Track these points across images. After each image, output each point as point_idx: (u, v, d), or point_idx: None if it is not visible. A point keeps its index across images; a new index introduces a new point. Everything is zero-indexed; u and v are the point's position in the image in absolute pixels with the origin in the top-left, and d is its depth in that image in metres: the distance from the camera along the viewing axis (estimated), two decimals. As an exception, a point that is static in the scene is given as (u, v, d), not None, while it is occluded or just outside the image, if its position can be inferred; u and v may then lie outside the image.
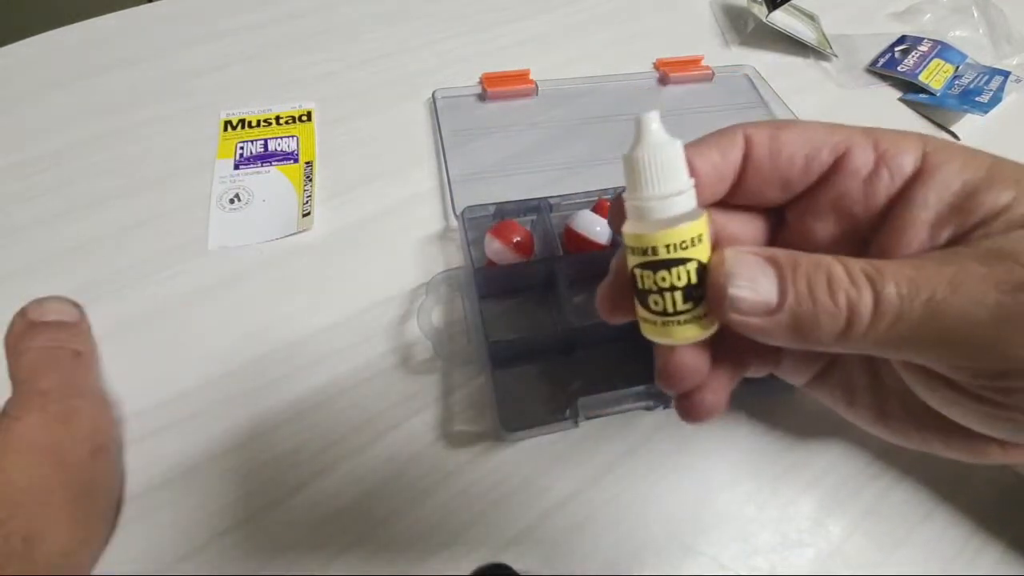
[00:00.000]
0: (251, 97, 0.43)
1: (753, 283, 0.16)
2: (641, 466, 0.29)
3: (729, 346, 0.20)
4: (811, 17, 0.53)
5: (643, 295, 0.18)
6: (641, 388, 0.28)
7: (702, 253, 0.17)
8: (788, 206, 0.20)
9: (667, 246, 0.16)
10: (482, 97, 0.43)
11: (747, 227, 0.21)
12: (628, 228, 0.17)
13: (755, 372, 0.21)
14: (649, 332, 0.18)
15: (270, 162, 0.39)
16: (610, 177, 0.39)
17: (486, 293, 0.32)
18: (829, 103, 0.47)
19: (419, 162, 0.40)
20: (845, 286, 0.16)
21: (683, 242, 0.16)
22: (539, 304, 0.34)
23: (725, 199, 0.19)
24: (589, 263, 0.33)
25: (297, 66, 0.45)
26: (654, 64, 0.47)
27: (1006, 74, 0.49)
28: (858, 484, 0.29)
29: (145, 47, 0.46)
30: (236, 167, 0.39)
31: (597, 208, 0.34)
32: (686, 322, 0.17)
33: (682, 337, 0.18)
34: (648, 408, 0.30)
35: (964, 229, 0.17)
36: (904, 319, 0.15)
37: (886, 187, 0.18)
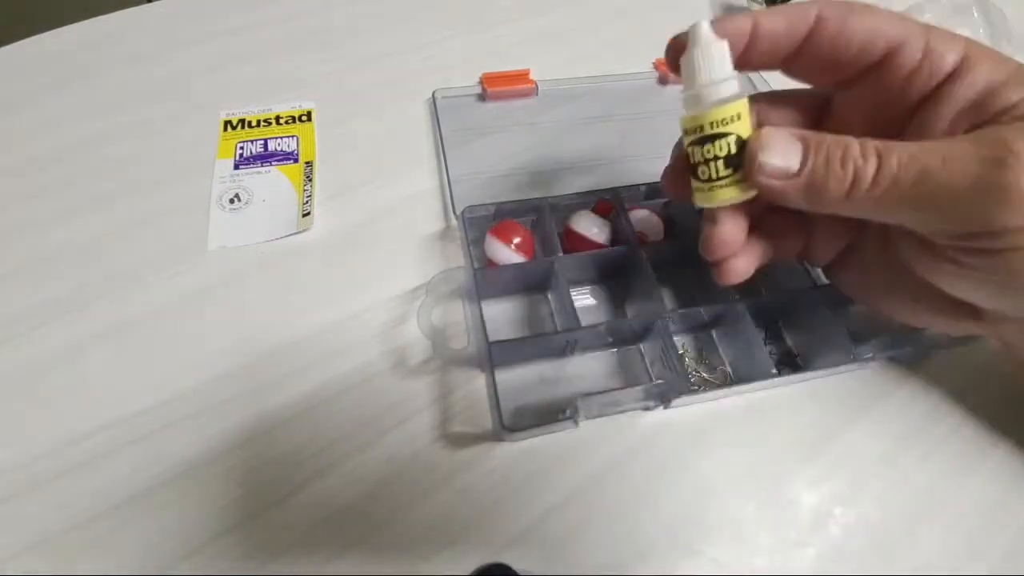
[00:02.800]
0: (251, 97, 0.43)
1: (781, 153, 0.20)
2: (641, 466, 0.29)
3: (766, 225, 0.24)
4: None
5: (695, 168, 0.22)
6: (641, 388, 0.28)
7: (741, 128, 0.21)
8: (837, 93, 0.23)
9: (711, 123, 0.21)
10: (482, 97, 0.43)
11: (787, 118, 0.24)
12: (684, 114, 0.22)
13: (786, 253, 0.26)
14: (699, 199, 0.23)
15: (270, 162, 0.39)
16: (610, 177, 0.39)
17: (486, 293, 0.32)
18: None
19: (419, 162, 0.40)
20: (855, 157, 0.19)
21: (725, 119, 0.20)
22: (539, 304, 0.34)
23: (783, 69, 0.23)
24: (588, 263, 0.33)
25: (297, 66, 0.45)
26: (654, 64, 0.47)
27: (1006, 74, 0.49)
28: (858, 484, 0.29)
29: (145, 47, 0.46)
30: (236, 167, 0.39)
31: (597, 208, 0.34)
32: (727, 186, 0.21)
33: (725, 198, 0.22)
34: (648, 408, 0.30)
35: (978, 123, 0.19)
36: (898, 185, 0.18)
37: (923, 84, 0.20)
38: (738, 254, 0.24)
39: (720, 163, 0.21)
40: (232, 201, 0.37)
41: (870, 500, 0.28)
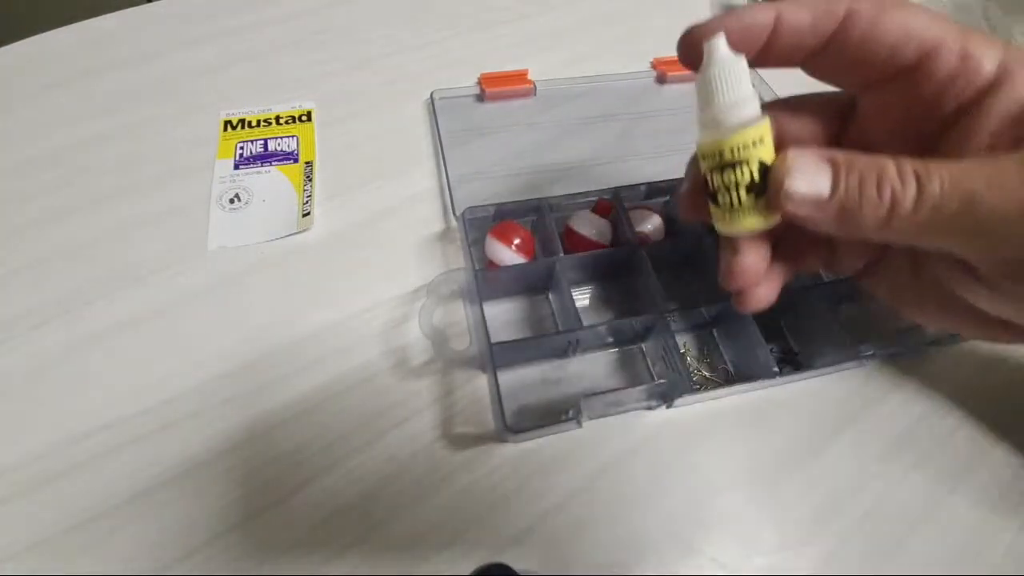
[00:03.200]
0: (251, 97, 0.43)
1: (809, 177, 0.18)
2: (642, 466, 0.29)
3: (786, 244, 0.23)
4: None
5: (714, 194, 0.21)
6: (643, 388, 0.28)
7: (764, 153, 0.19)
8: (862, 97, 0.21)
9: (732, 148, 0.19)
10: (480, 97, 0.43)
11: (806, 127, 0.22)
12: (701, 139, 0.20)
13: (809, 267, 0.24)
14: (719, 226, 0.21)
15: (270, 162, 0.39)
16: (610, 177, 0.39)
17: (487, 294, 0.32)
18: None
19: (419, 162, 0.40)
20: (893, 181, 0.17)
21: (746, 144, 0.19)
22: (540, 305, 0.34)
23: (804, 67, 0.21)
24: (589, 263, 0.33)
25: (297, 66, 0.45)
26: (652, 63, 0.47)
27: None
28: (858, 485, 0.29)
29: (145, 47, 0.46)
30: (236, 167, 0.39)
31: (597, 208, 0.34)
32: (750, 214, 0.20)
33: (747, 227, 0.20)
34: (650, 408, 0.30)
35: (1022, 138, 0.18)
36: (941, 211, 0.17)
37: (960, 93, 0.19)
38: (760, 282, 0.22)
39: (742, 190, 0.20)
40: (232, 201, 0.37)
41: (870, 500, 0.28)
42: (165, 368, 0.30)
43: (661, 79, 0.46)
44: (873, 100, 0.21)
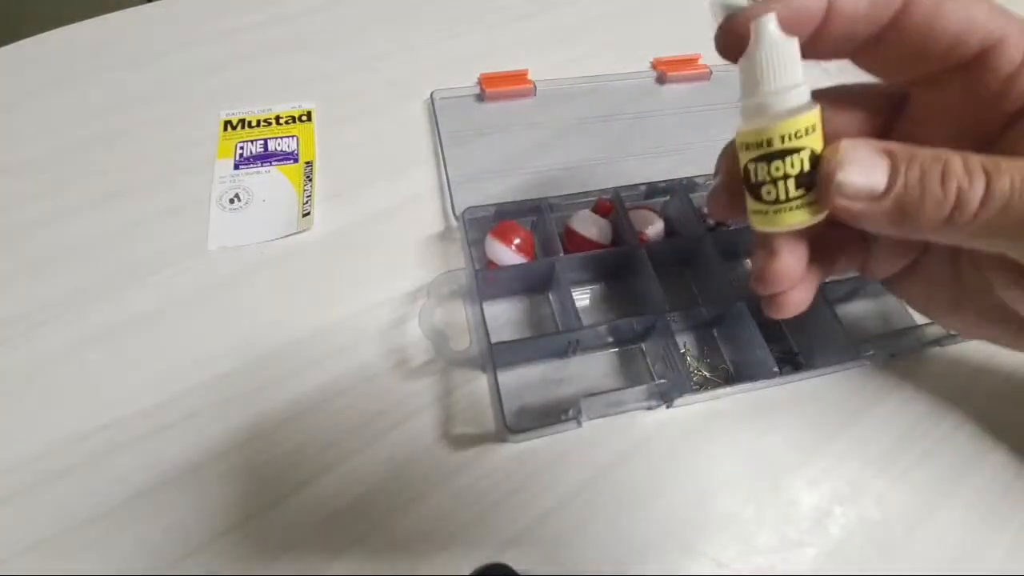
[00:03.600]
0: (251, 97, 0.43)
1: (865, 169, 0.17)
2: (642, 466, 0.29)
3: (820, 246, 0.21)
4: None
5: (756, 187, 0.19)
6: (643, 388, 0.28)
7: (815, 142, 0.18)
8: (915, 91, 0.20)
9: (783, 136, 0.18)
10: (480, 97, 0.43)
11: (851, 121, 0.21)
12: (745, 127, 0.18)
13: (842, 270, 0.23)
14: (760, 223, 0.19)
15: (270, 162, 0.39)
16: (610, 177, 0.39)
17: (487, 294, 0.32)
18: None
19: (419, 162, 0.40)
20: (959, 176, 0.16)
21: (798, 132, 0.18)
22: (540, 305, 0.34)
23: (856, 59, 0.20)
24: (589, 263, 0.33)
25: (297, 66, 0.45)
26: (651, 63, 0.47)
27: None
28: (858, 485, 0.29)
29: (145, 47, 0.46)
30: (236, 167, 0.39)
31: (597, 208, 0.34)
32: (796, 208, 0.18)
33: (792, 222, 0.19)
34: (650, 408, 0.30)
35: None
36: (1010, 211, 0.15)
37: (1022, 92, 0.17)
38: (796, 285, 0.21)
39: (791, 182, 0.18)
40: (232, 201, 0.37)
41: (870, 500, 0.28)
42: (165, 368, 0.30)
43: (661, 79, 0.46)
44: (928, 96, 0.19)
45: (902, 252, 0.23)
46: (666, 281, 0.33)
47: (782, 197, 0.18)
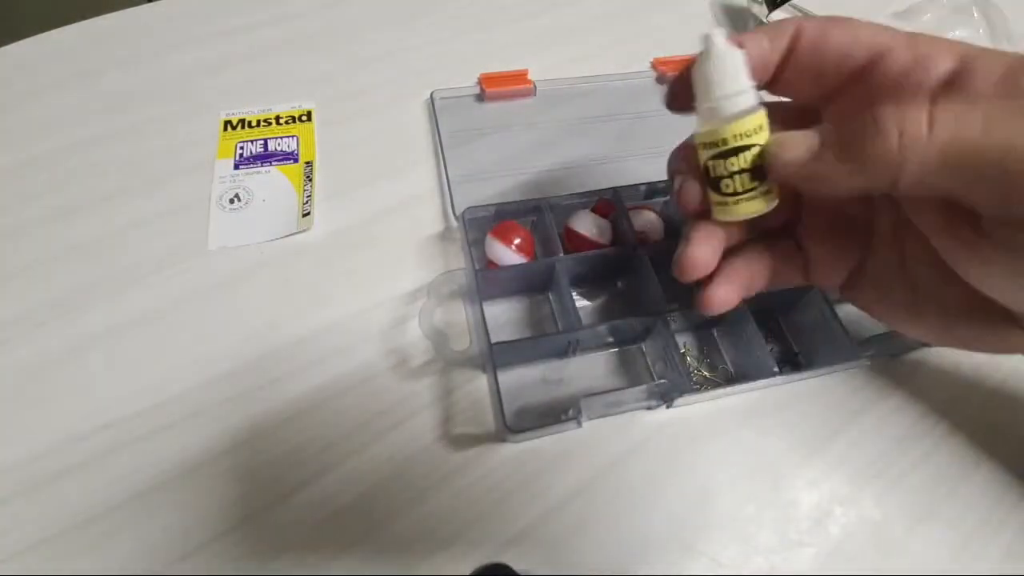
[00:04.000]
0: (251, 97, 0.43)
1: (797, 140, 0.19)
2: (641, 466, 0.29)
3: (753, 254, 0.24)
4: (811, 17, 0.53)
5: (716, 182, 0.21)
6: (643, 388, 0.28)
7: (764, 139, 0.20)
8: (824, 106, 0.22)
9: (735, 135, 0.20)
10: (480, 97, 0.43)
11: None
12: (701, 128, 0.21)
13: (786, 280, 0.24)
14: (721, 214, 0.22)
15: (270, 162, 0.39)
16: (610, 177, 0.39)
17: (487, 294, 0.32)
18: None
19: (419, 162, 0.40)
20: (893, 114, 0.17)
21: (747, 131, 0.20)
22: (540, 305, 0.34)
23: (770, 87, 0.22)
24: (589, 263, 0.33)
25: (297, 66, 0.45)
26: (651, 63, 0.47)
27: (1006, 74, 0.49)
28: (858, 484, 0.29)
29: (145, 47, 0.46)
30: (236, 167, 0.39)
31: (597, 208, 0.34)
32: (753, 199, 0.21)
33: (750, 211, 0.21)
34: (650, 408, 0.30)
35: None
36: (966, 127, 0.16)
37: (916, 89, 0.19)
38: (718, 282, 0.23)
39: (746, 176, 0.20)
40: (232, 201, 0.37)
41: (870, 500, 0.28)
42: (165, 368, 0.30)
43: (661, 79, 0.46)
44: (834, 110, 0.22)
45: (840, 257, 0.24)
46: (666, 281, 0.33)
47: (739, 189, 0.21)
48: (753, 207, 0.21)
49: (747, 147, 0.20)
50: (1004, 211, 0.17)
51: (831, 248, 0.24)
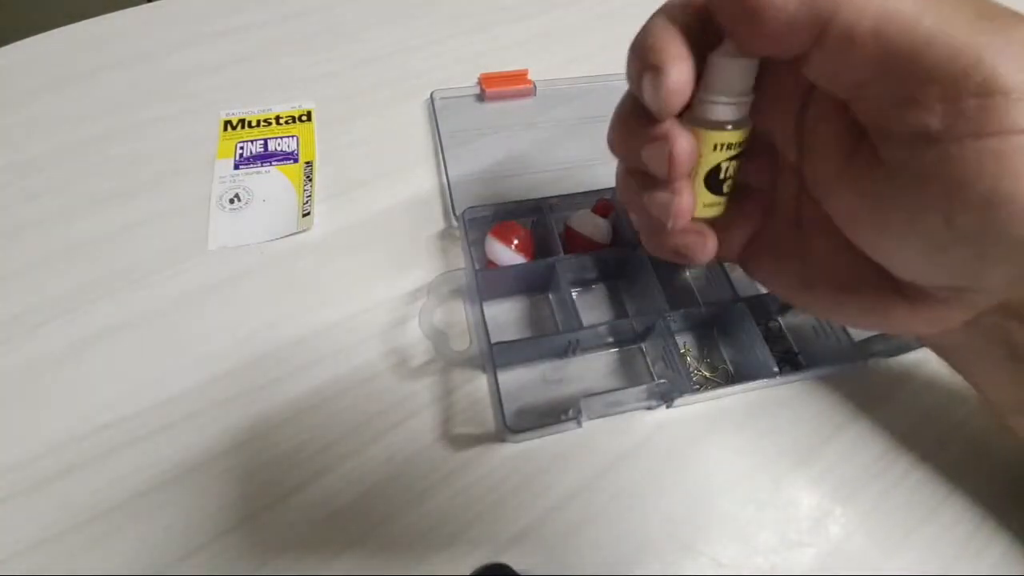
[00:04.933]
0: (251, 97, 0.43)
1: None
2: (641, 466, 0.29)
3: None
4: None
5: (720, 183, 0.21)
6: (643, 388, 0.28)
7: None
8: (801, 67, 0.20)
9: (746, 139, 0.20)
10: (480, 97, 0.43)
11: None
12: (723, 128, 0.20)
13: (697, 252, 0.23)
14: (712, 213, 0.22)
15: (270, 162, 0.39)
16: (610, 177, 0.39)
17: (487, 294, 0.32)
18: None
19: (419, 162, 0.40)
20: None
21: (750, 131, 0.20)
22: (540, 305, 0.34)
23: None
24: (590, 263, 0.33)
25: (297, 66, 0.45)
26: (654, 64, 0.47)
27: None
28: (858, 484, 0.29)
29: (145, 47, 0.46)
30: (236, 167, 0.39)
31: (597, 208, 0.34)
32: (725, 203, 0.22)
33: (719, 212, 0.22)
34: (650, 408, 0.30)
35: None
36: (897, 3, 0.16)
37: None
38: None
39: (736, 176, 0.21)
40: (232, 201, 0.37)
41: (870, 500, 0.28)
42: (165, 368, 0.30)
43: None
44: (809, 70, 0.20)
45: (739, 222, 0.24)
46: (665, 281, 0.33)
47: (732, 188, 0.21)
48: (723, 208, 0.22)
49: (743, 143, 0.20)
50: (889, 112, 0.17)
51: (731, 215, 0.23)
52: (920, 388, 0.31)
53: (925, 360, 0.32)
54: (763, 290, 0.33)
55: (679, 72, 0.18)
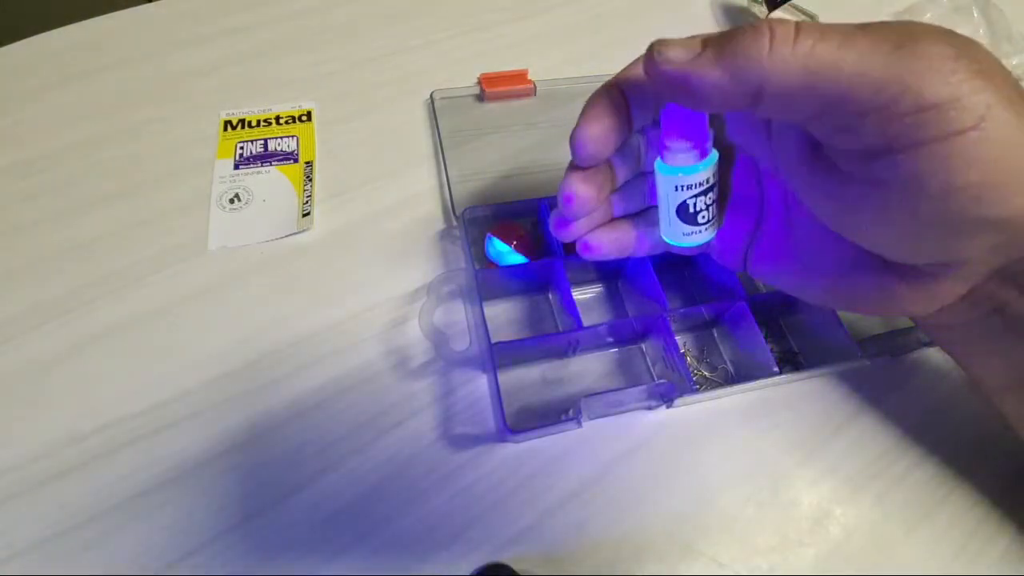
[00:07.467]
0: (251, 97, 0.43)
1: (683, 41, 0.20)
2: (641, 466, 0.29)
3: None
4: (811, 17, 0.53)
5: (694, 216, 0.24)
6: (643, 388, 0.28)
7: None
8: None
9: (710, 175, 0.23)
10: (480, 97, 0.43)
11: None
12: (687, 170, 0.23)
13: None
14: (690, 241, 0.25)
15: (270, 162, 0.39)
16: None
17: (487, 294, 0.32)
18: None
19: (419, 162, 0.40)
20: (768, 22, 0.18)
21: (715, 168, 0.24)
22: (540, 305, 0.34)
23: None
24: (589, 263, 0.33)
25: (297, 66, 0.45)
26: (654, 64, 0.47)
27: (1006, 74, 0.49)
28: (858, 484, 0.29)
29: (145, 47, 0.46)
30: (236, 167, 0.39)
31: (597, 208, 0.34)
32: (713, 227, 0.25)
33: (711, 238, 0.25)
34: (650, 408, 0.30)
35: None
36: (825, 41, 0.17)
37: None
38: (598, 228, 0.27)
39: (715, 205, 0.24)
40: (232, 201, 0.37)
41: (870, 500, 0.28)
42: (165, 368, 0.30)
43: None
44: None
45: (735, 232, 0.27)
46: (666, 281, 0.33)
47: (712, 216, 0.24)
48: (714, 230, 0.25)
49: (716, 181, 0.23)
50: (837, 138, 0.19)
51: (728, 226, 0.27)
52: (920, 388, 0.31)
53: (925, 360, 0.32)
54: (763, 290, 0.33)
55: (583, 129, 0.24)
